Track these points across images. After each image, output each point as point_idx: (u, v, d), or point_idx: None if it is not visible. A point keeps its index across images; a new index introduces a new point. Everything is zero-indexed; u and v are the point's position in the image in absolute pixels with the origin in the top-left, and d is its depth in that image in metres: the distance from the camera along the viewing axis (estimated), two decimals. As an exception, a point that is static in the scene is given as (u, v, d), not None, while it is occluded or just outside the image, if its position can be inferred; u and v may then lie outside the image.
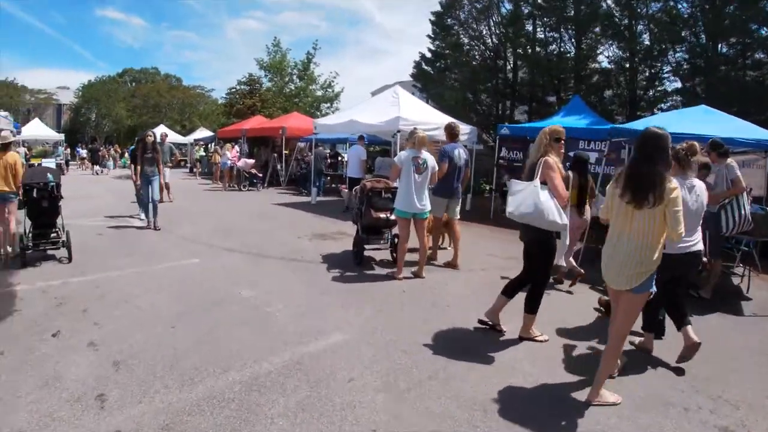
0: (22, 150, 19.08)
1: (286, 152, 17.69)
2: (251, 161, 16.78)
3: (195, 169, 23.21)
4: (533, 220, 3.86)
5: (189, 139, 29.06)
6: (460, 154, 6.56)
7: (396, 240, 6.29)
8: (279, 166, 18.10)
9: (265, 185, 17.33)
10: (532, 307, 4.11)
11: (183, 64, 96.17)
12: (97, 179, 20.10)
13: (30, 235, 6.06)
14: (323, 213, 11.20)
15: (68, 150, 27.56)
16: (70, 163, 26.52)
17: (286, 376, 3.41)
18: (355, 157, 11.97)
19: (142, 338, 4.00)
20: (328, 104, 29.10)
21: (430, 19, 22.17)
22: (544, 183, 3.88)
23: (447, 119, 11.87)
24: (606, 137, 7.93)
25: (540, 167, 3.92)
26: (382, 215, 6.47)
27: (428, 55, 23.34)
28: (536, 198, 3.81)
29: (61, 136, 26.24)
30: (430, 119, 11.60)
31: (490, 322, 4.34)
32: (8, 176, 6.10)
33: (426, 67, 23.02)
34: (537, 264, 4.08)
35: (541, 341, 4.16)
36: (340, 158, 17.32)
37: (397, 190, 6.06)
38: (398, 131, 10.52)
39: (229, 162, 16.43)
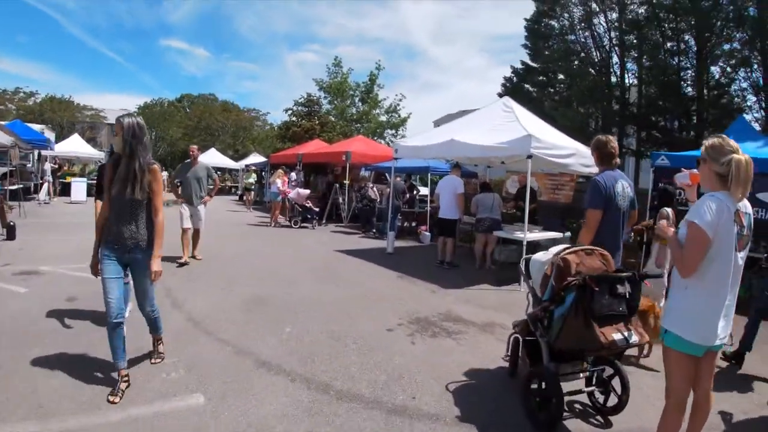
0: (48, 166, 17.09)
1: (348, 182, 14.47)
2: (306, 192, 13.59)
3: (245, 198, 20.45)
4: None
5: (241, 164, 26.68)
6: (624, 188, 3.67)
7: (608, 374, 3.18)
8: (341, 199, 14.84)
9: (324, 222, 14.11)
10: None
11: (243, 94, 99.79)
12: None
13: None
14: (410, 271, 7.62)
15: None
16: None
17: None
18: (450, 192, 8.60)
19: None
20: (393, 131, 26.03)
21: (524, 26, 18.99)
22: None
23: (574, 142, 8.49)
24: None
25: None
26: (617, 335, 2.78)
27: (520, 69, 19.96)
28: None
29: (101, 155, 24.06)
30: (562, 141, 8.20)
31: None
32: None
33: (519, 84, 19.61)
34: None
35: None
36: (415, 192, 13.84)
37: (629, 275, 2.95)
38: (529, 156, 6.97)
39: (278, 192, 13.31)
